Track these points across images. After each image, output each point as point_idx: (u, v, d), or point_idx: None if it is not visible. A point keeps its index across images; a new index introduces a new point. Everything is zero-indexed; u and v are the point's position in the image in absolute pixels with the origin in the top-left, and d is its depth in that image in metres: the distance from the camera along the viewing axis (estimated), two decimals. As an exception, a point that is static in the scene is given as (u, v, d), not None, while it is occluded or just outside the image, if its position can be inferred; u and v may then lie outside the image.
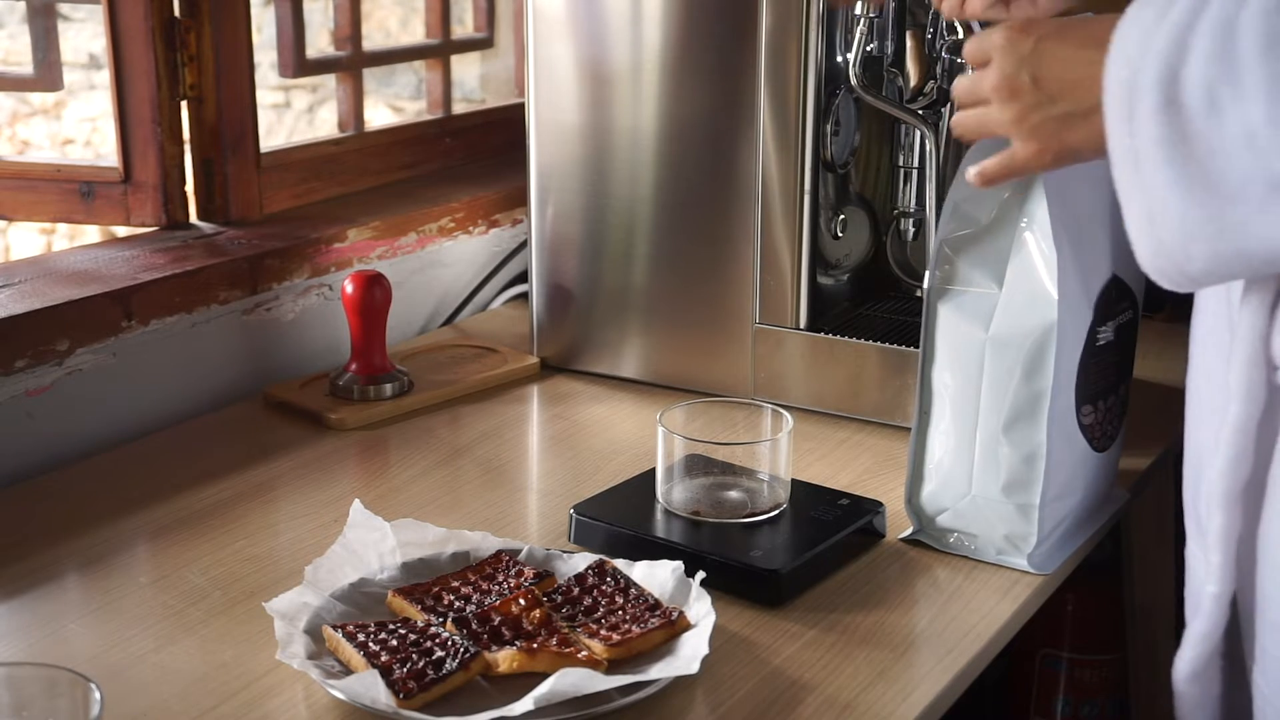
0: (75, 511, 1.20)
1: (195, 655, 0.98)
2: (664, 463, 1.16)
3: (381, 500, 1.22)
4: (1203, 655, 1.00)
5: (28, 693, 0.80)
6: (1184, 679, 1.02)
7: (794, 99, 1.35)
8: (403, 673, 0.91)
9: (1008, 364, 1.08)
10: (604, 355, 1.51)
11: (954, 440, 1.12)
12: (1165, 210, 0.84)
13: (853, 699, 0.94)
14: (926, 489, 1.14)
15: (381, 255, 1.64)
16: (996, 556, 1.12)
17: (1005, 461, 1.10)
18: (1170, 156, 0.82)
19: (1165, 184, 0.83)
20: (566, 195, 1.49)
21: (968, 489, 1.12)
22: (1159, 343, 1.58)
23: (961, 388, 1.11)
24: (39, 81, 1.53)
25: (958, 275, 1.11)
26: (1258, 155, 0.79)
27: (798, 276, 1.40)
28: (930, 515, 1.15)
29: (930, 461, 1.14)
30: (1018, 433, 1.09)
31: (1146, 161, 0.84)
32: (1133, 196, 0.86)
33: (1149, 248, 0.86)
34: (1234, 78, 0.80)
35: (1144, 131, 0.83)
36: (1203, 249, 0.83)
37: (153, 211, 1.50)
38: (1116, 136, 0.85)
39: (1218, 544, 0.97)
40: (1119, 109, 0.85)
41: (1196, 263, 0.84)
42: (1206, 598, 0.99)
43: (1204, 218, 0.82)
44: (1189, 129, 0.81)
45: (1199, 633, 1.00)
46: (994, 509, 1.11)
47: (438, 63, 1.90)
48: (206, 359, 1.45)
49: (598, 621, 0.99)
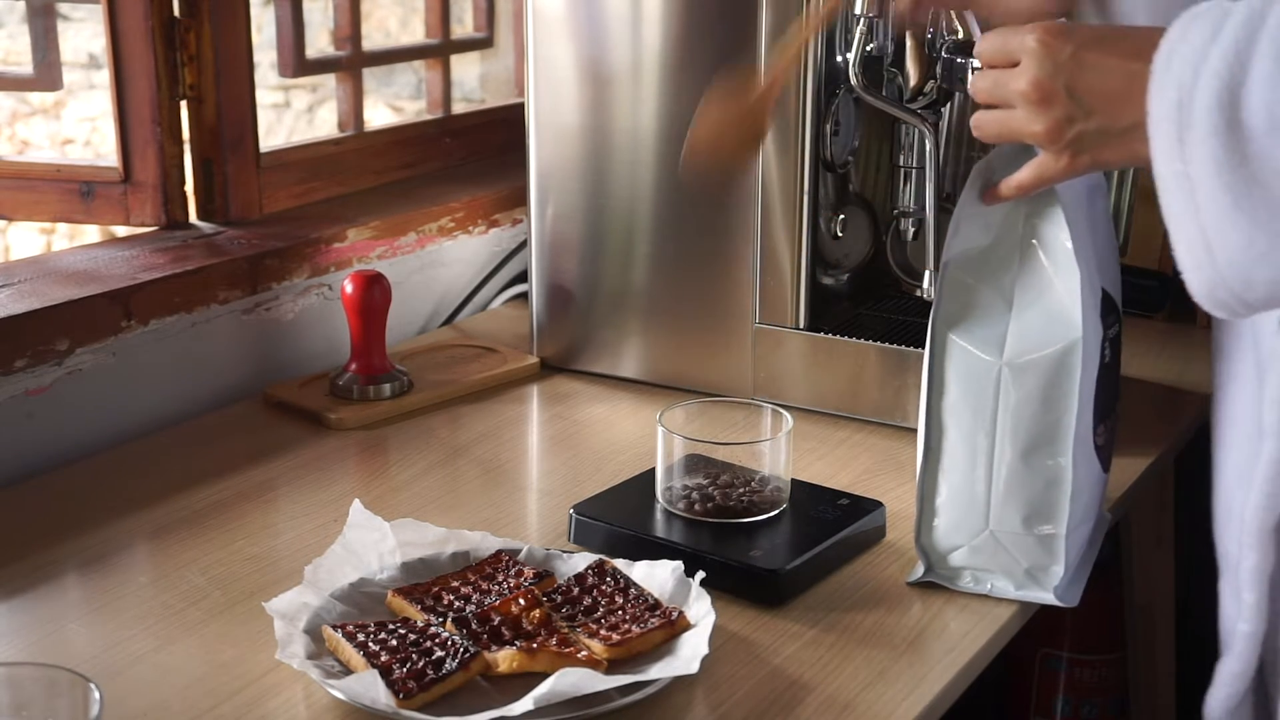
0: (75, 511, 1.20)
1: (195, 655, 0.98)
2: (664, 463, 1.16)
3: (381, 500, 1.22)
4: (1236, 694, 0.98)
5: (28, 693, 0.80)
6: (1216, 717, 1.00)
7: (794, 99, 1.35)
8: (402, 673, 0.91)
9: (1026, 390, 1.02)
10: (604, 355, 1.51)
11: (967, 473, 1.06)
12: (1224, 237, 0.80)
13: (853, 699, 0.94)
14: (938, 526, 1.08)
15: (381, 255, 1.63)
16: (1017, 593, 1.07)
17: (1026, 492, 1.04)
18: (1230, 182, 0.78)
19: (1224, 210, 0.79)
20: (566, 195, 1.49)
21: (984, 524, 1.06)
22: (1159, 343, 1.58)
23: (974, 418, 1.05)
24: (39, 81, 1.53)
25: (965, 300, 1.05)
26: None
27: (798, 276, 1.40)
28: (942, 553, 1.08)
29: (940, 497, 1.08)
30: (1038, 460, 1.03)
31: (1202, 187, 0.80)
32: (1186, 225, 0.81)
33: (1206, 278, 0.82)
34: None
35: (1199, 156, 0.79)
36: (1266, 274, 0.80)
37: (152, 211, 1.50)
38: (1165, 162, 0.81)
39: (1252, 582, 0.95)
40: (1168, 132, 0.81)
41: (1258, 289, 0.81)
42: (1240, 636, 0.97)
43: (1269, 242, 0.78)
44: (1249, 150, 0.78)
45: (1232, 671, 0.98)
46: (1015, 543, 1.06)
47: (437, 63, 1.90)
48: (206, 359, 1.45)
49: (597, 621, 0.99)
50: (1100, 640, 1.75)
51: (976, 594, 1.08)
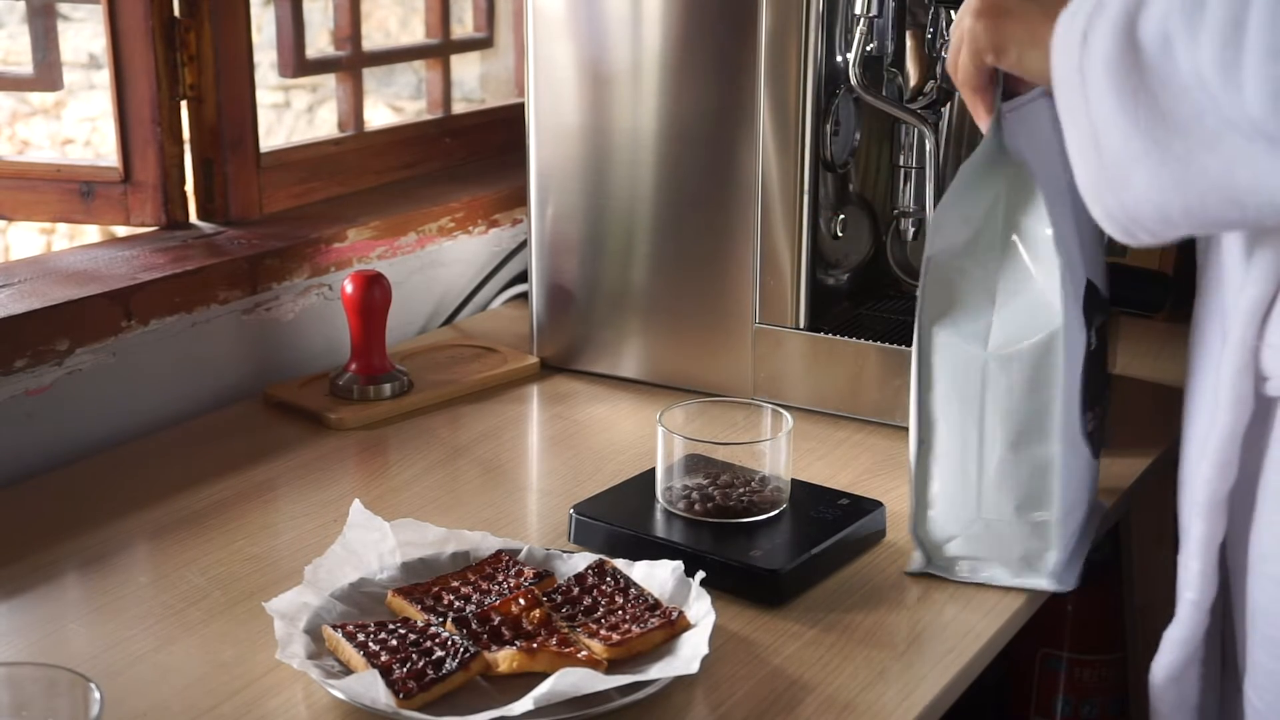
0: (75, 511, 1.20)
1: (195, 655, 0.98)
2: (664, 463, 1.16)
3: (381, 500, 1.22)
4: (1179, 660, 1.01)
5: (28, 693, 0.80)
6: (1160, 682, 1.02)
7: (794, 99, 1.35)
8: (402, 673, 0.91)
9: (1011, 379, 1.05)
10: (604, 355, 1.51)
11: (958, 464, 1.08)
12: (1109, 133, 0.84)
13: (853, 699, 0.94)
14: (933, 518, 1.10)
15: (381, 255, 1.64)
16: (1013, 580, 1.08)
17: (1016, 480, 1.06)
18: (1119, 85, 0.83)
19: (1111, 109, 0.84)
20: (566, 195, 1.49)
21: (976, 513, 1.08)
22: (1159, 342, 1.59)
23: (962, 410, 1.07)
24: (39, 81, 1.53)
25: (949, 295, 1.07)
26: (1210, 97, 0.79)
27: (798, 276, 1.40)
28: (937, 544, 1.10)
29: (933, 488, 1.09)
30: (1027, 449, 1.05)
31: (1093, 85, 0.85)
32: (1077, 119, 0.87)
33: (1090, 171, 0.87)
34: (1191, 16, 0.79)
35: (1096, 53, 0.84)
36: (1142, 176, 0.83)
37: (152, 211, 1.50)
38: (1063, 56, 0.87)
39: (1198, 551, 0.97)
40: (1074, 27, 0.86)
41: (1134, 189, 0.84)
42: (1185, 604, 0.99)
43: (1148, 144, 0.83)
44: (1140, 59, 0.82)
45: (1176, 638, 1.01)
46: (1008, 530, 1.07)
47: (437, 63, 1.90)
48: (206, 359, 1.45)
49: (597, 621, 0.99)
50: (1100, 640, 1.75)
51: (976, 590, 1.08)
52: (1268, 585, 0.93)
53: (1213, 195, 0.82)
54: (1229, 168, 0.80)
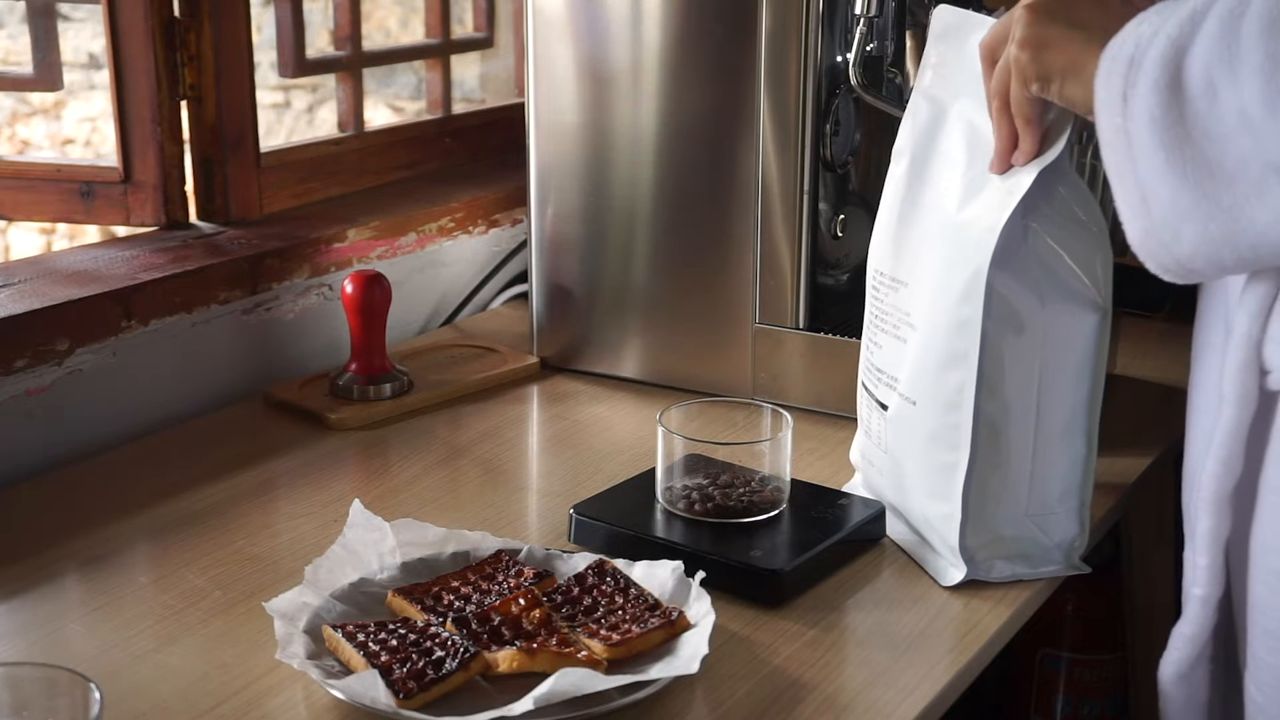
0: (75, 511, 1.20)
1: (195, 655, 0.98)
2: (664, 463, 1.16)
3: (381, 500, 1.22)
4: (1188, 658, 1.00)
5: (28, 693, 0.80)
6: (1170, 680, 1.02)
7: (794, 99, 1.35)
8: (402, 672, 0.91)
9: (1065, 372, 1.06)
10: (604, 355, 1.51)
11: (1008, 466, 1.08)
12: (1157, 191, 0.84)
13: (853, 699, 0.94)
14: (981, 524, 1.08)
15: (381, 255, 1.64)
16: (1038, 570, 1.10)
17: (1058, 470, 1.08)
18: (1165, 140, 0.83)
19: (1157, 166, 0.84)
20: (566, 195, 1.49)
21: (1024, 508, 1.09)
22: (1159, 343, 1.58)
23: (1023, 408, 1.07)
24: (39, 81, 1.53)
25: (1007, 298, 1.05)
26: (1255, 139, 0.80)
27: (798, 276, 1.40)
28: (983, 548, 1.09)
29: (986, 494, 1.08)
30: (1069, 438, 1.08)
31: (1138, 142, 0.85)
32: (1125, 178, 0.86)
33: (1140, 228, 0.87)
34: (1232, 59, 0.80)
35: (1138, 111, 0.84)
36: (1192, 230, 0.84)
37: (152, 211, 1.50)
38: (1107, 116, 0.86)
39: (1205, 547, 0.97)
40: (1113, 87, 0.86)
41: (1185, 245, 0.85)
42: (1193, 600, 0.99)
43: (1196, 198, 0.83)
44: (1185, 110, 0.82)
45: (1185, 635, 1.01)
46: (1049, 521, 1.09)
47: (437, 63, 1.90)
48: (206, 359, 1.45)
49: (597, 621, 0.99)
50: (1100, 640, 1.75)
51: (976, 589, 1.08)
52: (1269, 579, 0.93)
53: (1264, 246, 0.83)
54: (1277, 217, 0.81)
